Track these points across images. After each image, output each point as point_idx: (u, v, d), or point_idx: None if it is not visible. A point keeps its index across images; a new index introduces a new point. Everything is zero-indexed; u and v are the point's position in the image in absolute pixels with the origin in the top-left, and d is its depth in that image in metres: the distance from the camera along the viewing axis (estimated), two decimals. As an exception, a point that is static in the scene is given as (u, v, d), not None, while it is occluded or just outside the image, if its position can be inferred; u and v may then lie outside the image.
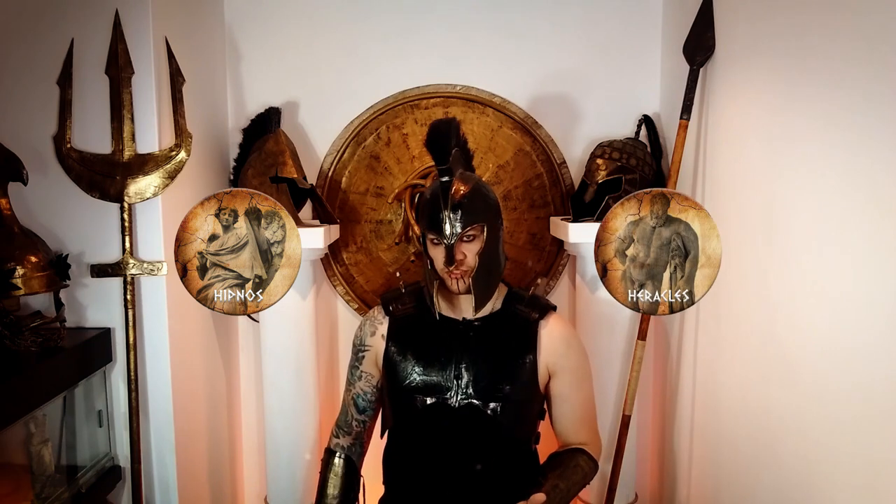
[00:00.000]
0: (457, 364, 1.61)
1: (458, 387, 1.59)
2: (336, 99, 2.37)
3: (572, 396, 1.66)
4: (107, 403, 1.94)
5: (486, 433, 1.59)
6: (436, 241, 1.58)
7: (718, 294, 1.81)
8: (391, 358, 1.66)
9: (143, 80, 1.86)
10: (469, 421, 1.59)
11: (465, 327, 1.65)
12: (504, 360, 1.62)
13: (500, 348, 1.63)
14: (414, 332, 1.67)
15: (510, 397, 1.59)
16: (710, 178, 1.99)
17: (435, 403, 1.60)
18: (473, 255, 1.57)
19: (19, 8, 1.81)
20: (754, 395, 1.72)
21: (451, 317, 1.67)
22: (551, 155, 2.39)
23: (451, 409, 1.59)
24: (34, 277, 1.69)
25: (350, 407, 1.77)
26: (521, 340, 1.64)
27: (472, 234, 1.57)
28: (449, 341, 1.63)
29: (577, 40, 2.35)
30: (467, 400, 1.58)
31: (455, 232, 1.54)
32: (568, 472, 1.59)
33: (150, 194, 1.89)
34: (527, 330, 1.65)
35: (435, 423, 1.60)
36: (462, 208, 1.54)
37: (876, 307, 1.26)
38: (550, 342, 1.64)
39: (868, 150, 1.27)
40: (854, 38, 1.31)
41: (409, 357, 1.64)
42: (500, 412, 1.58)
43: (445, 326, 1.65)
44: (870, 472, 1.28)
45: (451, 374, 1.60)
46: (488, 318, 1.66)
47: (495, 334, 1.64)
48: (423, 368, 1.62)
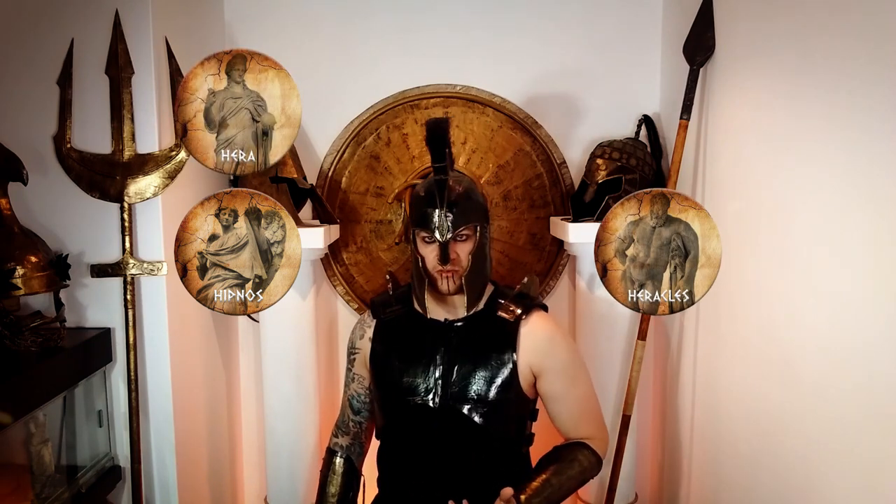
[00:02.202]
0: (437, 365, 1.61)
1: (438, 388, 1.59)
2: (336, 99, 2.37)
3: (566, 395, 1.63)
4: (107, 403, 1.94)
5: (466, 435, 1.59)
6: (427, 239, 1.57)
7: (718, 294, 1.81)
8: (376, 360, 1.68)
9: (143, 80, 1.86)
10: (450, 422, 1.58)
11: (446, 328, 1.64)
12: (484, 362, 1.60)
13: (481, 349, 1.61)
14: (398, 334, 1.68)
15: (491, 399, 1.58)
16: (710, 178, 1.99)
17: (418, 405, 1.60)
18: (466, 255, 1.56)
19: (19, 8, 1.81)
20: (754, 395, 1.72)
21: (434, 318, 1.66)
22: (551, 155, 2.39)
23: (433, 411, 1.59)
24: (34, 277, 1.69)
25: (346, 408, 1.79)
26: (502, 341, 1.61)
27: (466, 233, 1.57)
28: (432, 343, 1.63)
29: (577, 40, 2.35)
30: (447, 402, 1.58)
31: (449, 230, 1.53)
32: (563, 465, 1.56)
33: (150, 194, 1.89)
34: (507, 330, 1.62)
35: (419, 425, 1.61)
36: (457, 207, 1.54)
37: (876, 307, 1.26)
38: (532, 342, 1.61)
39: (868, 150, 1.27)
40: (854, 38, 1.31)
41: (392, 359, 1.65)
42: (480, 414, 1.58)
43: (428, 328, 1.65)
44: (870, 472, 1.28)
45: (431, 375, 1.60)
46: (470, 319, 1.64)
47: (477, 335, 1.63)
48: (406, 370, 1.62)
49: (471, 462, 1.60)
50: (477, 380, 1.59)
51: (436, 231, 1.53)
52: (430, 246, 1.57)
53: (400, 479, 1.68)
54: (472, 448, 1.60)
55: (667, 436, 2.34)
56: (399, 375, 1.62)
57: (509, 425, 1.65)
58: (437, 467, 1.61)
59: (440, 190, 1.53)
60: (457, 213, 1.54)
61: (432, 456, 1.61)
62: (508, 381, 1.60)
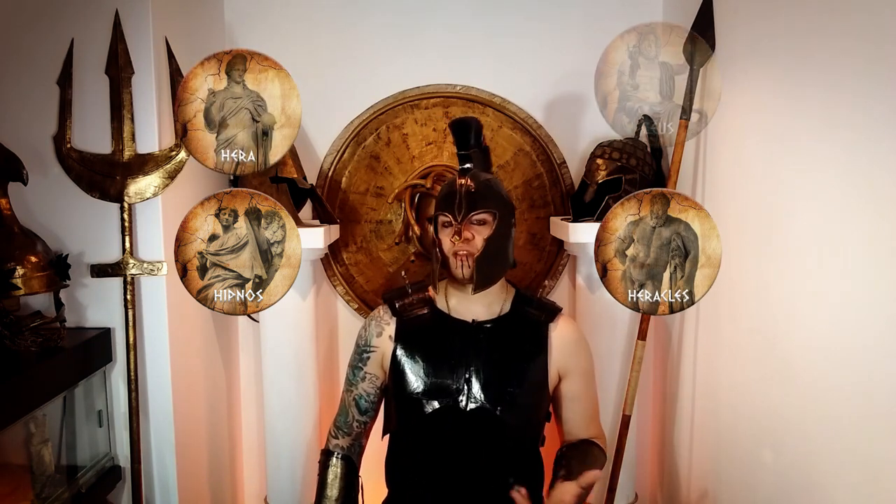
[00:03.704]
0: (467, 367, 1.60)
1: (469, 390, 1.58)
2: (336, 99, 2.37)
3: (583, 395, 1.68)
4: (107, 403, 1.94)
5: (494, 436, 1.59)
6: (447, 223, 1.60)
7: (718, 294, 1.81)
8: (399, 360, 1.64)
9: (143, 80, 1.86)
10: (478, 424, 1.58)
11: (475, 330, 1.64)
12: (515, 364, 1.61)
13: (510, 351, 1.62)
14: (422, 334, 1.66)
15: (520, 401, 1.59)
16: (710, 178, 1.99)
17: (444, 407, 1.58)
18: (482, 238, 1.58)
19: (19, 8, 1.81)
20: (754, 394, 1.72)
21: (460, 318, 1.66)
22: (551, 155, 2.39)
23: (461, 413, 1.58)
24: (34, 277, 1.69)
25: (351, 408, 1.75)
26: (532, 343, 1.64)
27: (484, 217, 1.58)
28: (459, 344, 1.62)
29: (577, 40, 2.35)
30: (478, 403, 1.57)
31: (465, 209, 1.57)
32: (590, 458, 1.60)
33: (150, 194, 1.89)
34: (537, 332, 1.65)
35: (443, 427, 1.59)
36: (477, 192, 1.58)
37: (876, 307, 1.26)
38: (562, 344, 1.66)
39: (868, 150, 1.27)
40: (854, 38, 1.31)
41: (417, 360, 1.63)
42: (510, 416, 1.58)
43: (455, 328, 1.64)
44: (870, 472, 1.28)
45: (461, 377, 1.59)
46: (498, 321, 1.65)
47: (505, 337, 1.64)
48: (433, 371, 1.60)
49: (494, 463, 1.60)
50: (510, 381, 1.59)
51: (453, 209, 1.57)
52: (449, 229, 1.60)
53: (416, 481, 1.66)
54: (498, 449, 1.60)
55: (667, 436, 2.34)
56: (426, 377, 1.60)
57: (533, 426, 1.67)
58: (458, 468, 1.60)
59: (462, 174, 1.60)
60: (476, 196, 1.58)
61: (455, 457, 1.60)
62: (540, 382, 1.63)
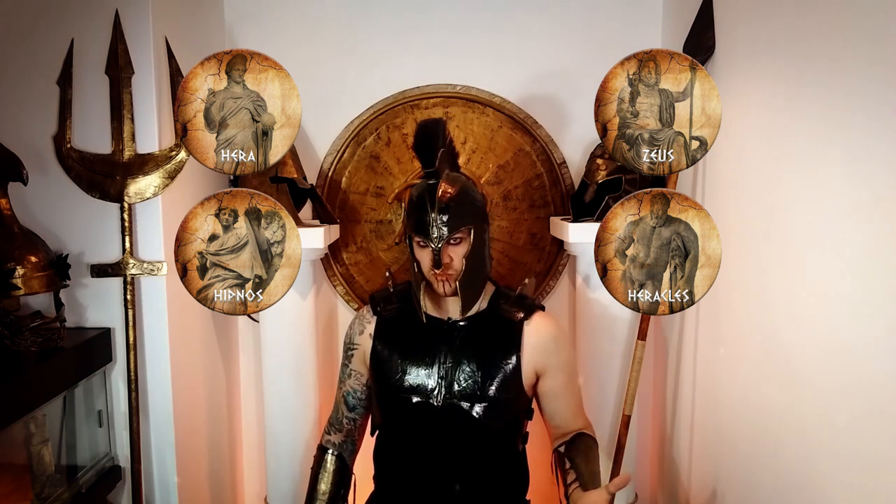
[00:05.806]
0: (441, 364, 1.62)
1: (442, 387, 1.60)
2: (336, 99, 2.37)
3: (565, 391, 1.69)
4: (107, 403, 1.94)
5: (469, 433, 1.60)
6: (422, 243, 1.58)
7: (718, 294, 1.81)
8: (377, 357, 1.68)
9: (143, 80, 1.87)
10: (453, 421, 1.60)
11: (449, 328, 1.66)
12: (488, 361, 1.62)
13: (484, 349, 1.64)
14: (400, 332, 1.69)
15: (493, 398, 1.60)
16: (710, 178, 1.99)
17: (420, 403, 1.61)
18: (460, 258, 1.58)
19: (19, 8, 1.81)
20: (754, 394, 1.72)
21: (436, 317, 1.68)
22: (551, 155, 2.39)
23: (436, 409, 1.60)
24: (34, 277, 1.70)
25: (341, 405, 1.79)
26: (506, 341, 1.65)
27: (459, 237, 1.57)
28: (434, 341, 1.65)
29: (577, 40, 2.35)
30: (450, 400, 1.60)
31: (442, 236, 1.54)
32: (592, 454, 1.64)
33: (150, 194, 1.89)
34: (510, 330, 1.65)
35: (421, 423, 1.62)
36: (449, 212, 1.55)
37: (876, 307, 1.26)
38: (537, 342, 1.65)
39: (868, 150, 1.27)
40: (854, 39, 1.31)
41: (394, 356, 1.66)
42: (484, 413, 1.59)
43: (431, 327, 1.67)
44: (869, 472, 1.28)
45: (435, 374, 1.61)
46: (473, 319, 1.67)
47: (480, 335, 1.65)
48: (409, 368, 1.63)
49: (471, 459, 1.62)
50: (480, 379, 1.60)
51: (429, 236, 1.55)
52: (426, 250, 1.59)
53: (399, 476, 1.68)
54: (472, 445, 1.61)
55: (667, 436, 2.34)
56: (402, 373, 1.63)
57: (509, 423, 1.67)
58: (436, 464, 1.62)
59: (431, 195, 1.55)
60: (449, 218, 1.54)
61: (432, 453, 1.62)
62: (512, 379, 1.62)
